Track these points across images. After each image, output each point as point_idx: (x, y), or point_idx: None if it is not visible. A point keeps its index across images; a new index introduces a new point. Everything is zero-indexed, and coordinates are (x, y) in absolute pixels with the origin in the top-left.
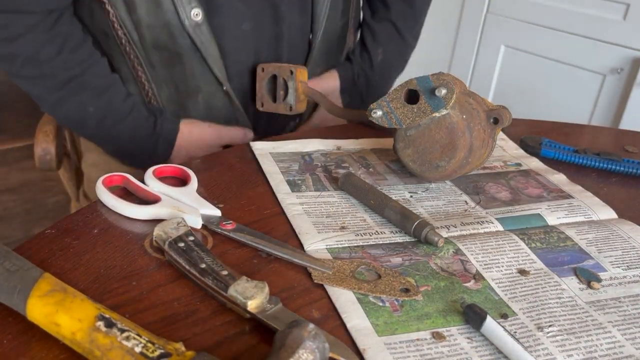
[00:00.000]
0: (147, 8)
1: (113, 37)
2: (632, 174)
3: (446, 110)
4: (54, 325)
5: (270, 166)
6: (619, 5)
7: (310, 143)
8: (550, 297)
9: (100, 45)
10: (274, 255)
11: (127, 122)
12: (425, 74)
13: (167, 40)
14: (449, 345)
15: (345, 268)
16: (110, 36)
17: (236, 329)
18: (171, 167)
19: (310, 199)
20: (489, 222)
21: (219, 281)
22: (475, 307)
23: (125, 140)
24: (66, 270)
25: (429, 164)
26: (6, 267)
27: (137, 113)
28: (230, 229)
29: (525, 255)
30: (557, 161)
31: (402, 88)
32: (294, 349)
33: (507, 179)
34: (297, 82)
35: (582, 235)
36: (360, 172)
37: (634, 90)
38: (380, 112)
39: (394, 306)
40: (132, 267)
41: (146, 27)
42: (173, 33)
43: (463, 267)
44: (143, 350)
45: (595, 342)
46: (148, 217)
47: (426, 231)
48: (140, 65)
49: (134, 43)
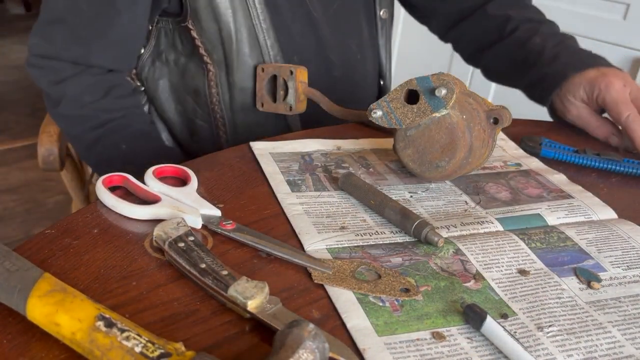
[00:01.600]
0: (243, 71)
1: (205, 95)
2: (632, 174)
3: (446, 110)
4: (54, 325)
5: (270, 166)
6: (619, 5)
7: (310, 143)
8: (550, 297)
9: (182, 106)
10: (274, 255)
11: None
12: (425, 74)
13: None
14: (449, 345)
15: (345, 268)
16: (201, 94)
17: (236, 329)
18: (171, 167)
19: (310, 199)
20: (489, 222)
21: (219, 281)
22: (475, 307)
23: None
24: (66, 270)
25: (429, 164)
26: (6, 267)
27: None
28: (230, 229)
29: (525, 255)
30: (557, 161)
31: (402, 88)
32: (294, 349)
33: (507, 179)
34: (297, 82)
35: (582, 235)
36: (360, 172)
37: None
38: (380, 112)
39: (394, 306)
40: (132, 267)
41: (239, 89)
42: None
43: (463, 267)
44: (143, 350)
45: (595, 342)
46: (148, 217)
47: (426, 231)
48: (223, 126)
49: (224, 103)
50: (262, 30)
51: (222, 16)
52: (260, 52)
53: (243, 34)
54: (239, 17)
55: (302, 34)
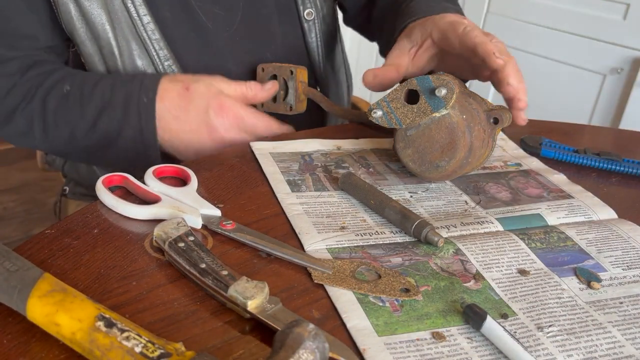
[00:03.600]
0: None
1: None
2: (632, 174)
3: (446, 110)
4: (54, 325)
5: (270, 166)
6: (619, 5)
7: (310, 143)
8: (550, 297)
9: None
10: (274, 255)
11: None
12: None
13: None
14: (449, 345)
15: (345, 268)
16: None
17: (236, 329)
18: (171, 167)
19: (310, 199)
20: (489, 222)
21: (219, 281)
22: (475, 307)
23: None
24: (66, 270)
25: (429, 164)
26: (6, 267)
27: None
28: (230, 229)
29: (525, 255)
30: (557, 161)
31: (402, 88)
32: (294, 349)
33: (507, 179)
34: (297, 82)
35: (582, 235)
36: (360, 172)
37: (634, 90)
38: (380, 112)
39: (394, 306)
40: (132, 267)
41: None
42: None
43: (463, 267)
44: (143, 350)
45: (595, 342)
46: (148, 217)
47: (426, 231)
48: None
49: None
50: (151, 43)
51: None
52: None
53: (132, 47)
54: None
55: (194, 46)
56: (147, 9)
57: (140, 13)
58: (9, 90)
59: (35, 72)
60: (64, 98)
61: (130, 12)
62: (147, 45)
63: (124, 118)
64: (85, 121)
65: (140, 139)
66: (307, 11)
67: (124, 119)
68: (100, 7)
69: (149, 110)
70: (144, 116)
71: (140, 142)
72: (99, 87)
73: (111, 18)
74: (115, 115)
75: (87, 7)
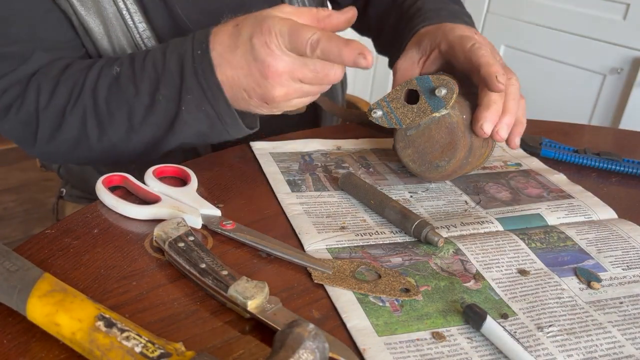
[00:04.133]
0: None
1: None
2: (632, 174)
3: (446, 110)
4: (54, 325)
5: (270, 166)
6: (619, 5)
7: (310, 143)
8: (550, 297)
9: None
10: (274, 255)
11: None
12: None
13: None
14: (449, 345)
15: (345, 268)
16: None
17: (236, 329)
18: (171, 167)
19: (310, 199)
20: (489, 222)
21: (219, 281)
22: (475, 307)
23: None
24: (66, 270)
25: (429, 164)
26: (6, 267)
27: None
28: (230, 229)
29: (525, 255)
30: (557, 161)
31: (402, 88)
32: (294, 349)
33: (507, 179)
34: None
35: (582, 235)
36: (360, 172)
37: (634, 90)
38: (380, 112)
39: (394, 306)
40: (132, 267)
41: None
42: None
43: (463, 267)
44: (143, 350)
45: (595, 342)
46: (148, 217)
47: (426, 231)
48: None
49: None
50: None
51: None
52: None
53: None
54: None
55: None
56: (142, 17)
57: (136, 20)
58: (52, 91)
59: (76, 68)
60: (114, 82)
61: (126, 19)
62: None
63: (181, 83)
64: (141, 101)
65: (205, 99)
66: None
67: (181, 84)
68: (96, 16)
69: (205, 63)
70: (201, 72)
71: (208, 105)
72: (149, 58)
73: (107, 26)
74: (173, 81)
75: (84, 16)
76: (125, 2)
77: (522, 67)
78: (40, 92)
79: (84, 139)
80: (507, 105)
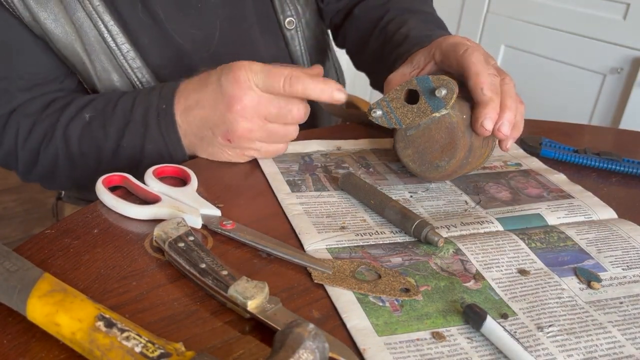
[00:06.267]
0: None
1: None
2: (632, 174)
3: (446, 110)
4: (54, 325)
5: (270, 166)
6: (619, 5)
7: (310, 144)
8: (550, 297)
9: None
10: (274, 255)
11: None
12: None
13: None
14: (449, 345)
15: (345, 268)
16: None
17: (236, 329)
18: (171, 167)
19: (310, 199)
20: (489, 222)
21: (219, 281)
22: (475, 307)
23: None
24: (66, 270)
25: (429, 164)
26: (6, 267)
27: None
28: (230, 229)
29: (525, 255)
30: (557, 161)
31: (402, 88)
32: (294, 349)
33: (507, 179)
34: None
35: (582, 235)
36: (360, 172)
37: (634, 90)
38: (380, 112)
39: (394, 306)
40: (132, 267)
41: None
42: None
43: (463, 267)
44: (143, 350)
45: (595, 342)
46: (148, 217)
47: (426, 231)
48: None
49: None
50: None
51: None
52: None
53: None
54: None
55: (175, 70)
56: (125, 38)
57: (119, 42)
58: (30, 131)
59: (52, 110)
60: (86, 126)
61: (108, 42)
62: (129, 74)
63: (145, 131)
64: (110, 143)
65: (166, 150)
66: (288, 20)
67: (145, 133)
68: (76, 41)
69: (168, 118)
70: (164, 126)
71: (168, 155)
72: (120, 105)
73: (87, 50)
74: (137, 129)
75: (63, 41)
76: (106, 25)
77: (522, 67)
78: (19, 132)
79: (56, 174)
80: (504, 102)
